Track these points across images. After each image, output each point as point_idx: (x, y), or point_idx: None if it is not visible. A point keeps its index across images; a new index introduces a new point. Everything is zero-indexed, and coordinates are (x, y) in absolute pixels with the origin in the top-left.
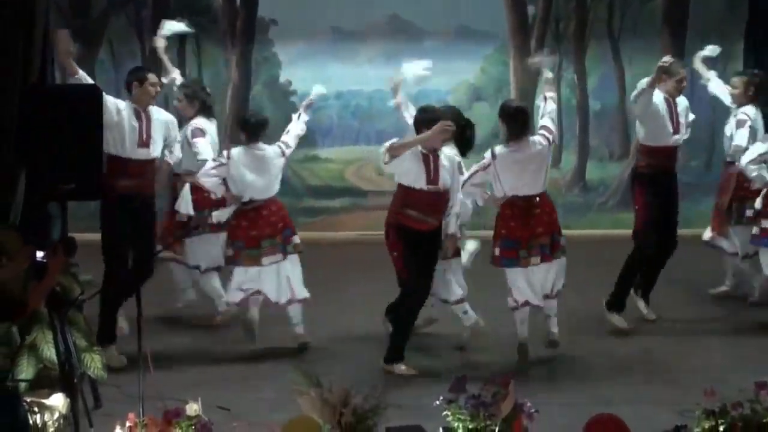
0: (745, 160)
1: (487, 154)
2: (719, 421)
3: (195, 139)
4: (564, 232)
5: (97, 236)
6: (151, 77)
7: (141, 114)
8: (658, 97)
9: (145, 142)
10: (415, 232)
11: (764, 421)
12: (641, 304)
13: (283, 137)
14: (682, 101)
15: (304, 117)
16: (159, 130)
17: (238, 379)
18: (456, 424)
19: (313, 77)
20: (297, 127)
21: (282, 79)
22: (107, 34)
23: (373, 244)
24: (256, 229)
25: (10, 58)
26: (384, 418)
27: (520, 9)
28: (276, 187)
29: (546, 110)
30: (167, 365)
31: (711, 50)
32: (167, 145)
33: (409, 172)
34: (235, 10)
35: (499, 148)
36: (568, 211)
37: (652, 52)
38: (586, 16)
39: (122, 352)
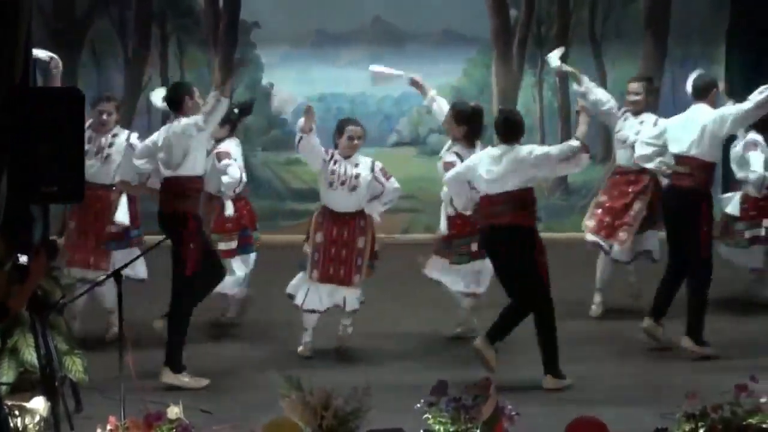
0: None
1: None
2: (699, 424)
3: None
4: (547, 234)
5: None
6: (196, 89)
7: None
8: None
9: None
10: None
11: (744, 423)
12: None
13: None
14: None
15: None
16: None
17: (219, 382)
18: (437, 427)
19: (296, 80)
20: None
21: (264, 81)
22: (89, 36)
23: None
24: (244, 217)
25: None
26: (365, 420)
27: (503, 12)
28: None
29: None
30: (149, 368)
31: (554, 57)
32: None
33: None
34: (217, 13)
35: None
36: (550, 213)
37: (635, 55)
38: (568, 19)
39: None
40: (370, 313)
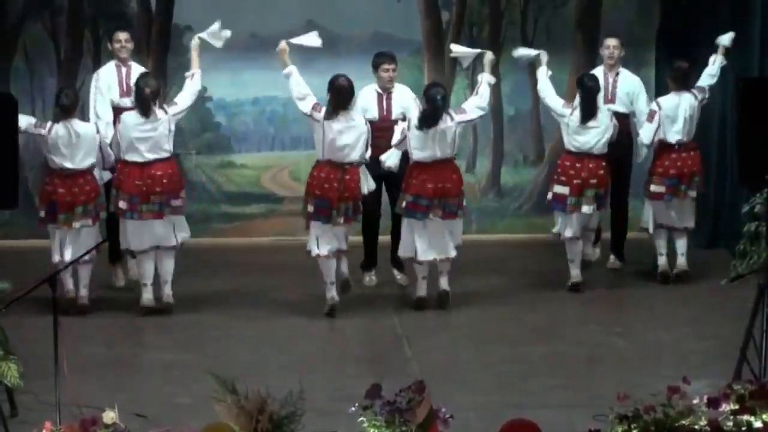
0: None
1: None
2: (632, 425)
3: None
4: (479, 236)
5: (11, 243)
6: None
7: None
8: None
9: None
10: None
11: (676, 425)
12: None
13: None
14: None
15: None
16: None
17: (155, 386)
18: (371, 431)
19: (229, 83)
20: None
21: None
22: (22, 40)
23: (288, 249)
24: None
25: None
26: (300, 424)
27: (435, 15)
28: None
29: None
30: (84, 372)
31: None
32: None
33: None
34: (150, 17)
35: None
36: (483, 215)
37: (566, 57)
38: (499, 21)
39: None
40: None
